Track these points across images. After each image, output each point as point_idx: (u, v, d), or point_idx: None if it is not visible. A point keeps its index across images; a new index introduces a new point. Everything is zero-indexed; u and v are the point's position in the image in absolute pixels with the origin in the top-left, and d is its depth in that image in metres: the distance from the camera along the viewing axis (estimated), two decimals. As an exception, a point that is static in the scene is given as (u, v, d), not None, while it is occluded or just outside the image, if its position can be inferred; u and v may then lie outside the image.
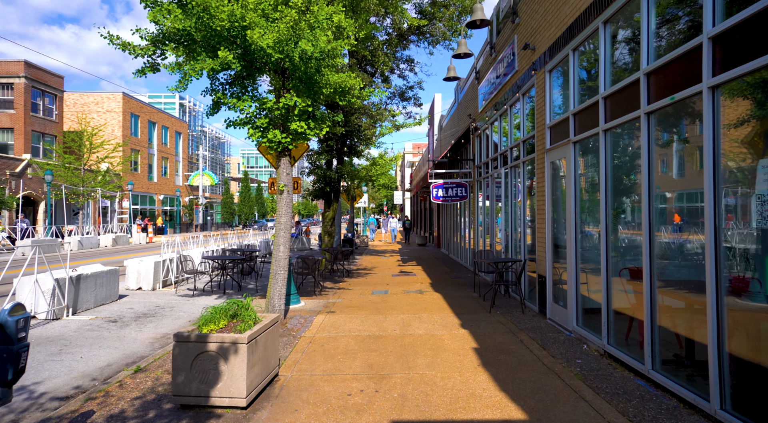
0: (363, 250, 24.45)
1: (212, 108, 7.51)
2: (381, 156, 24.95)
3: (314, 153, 15.06)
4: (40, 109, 37.38)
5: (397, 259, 19.02)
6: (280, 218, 7.61)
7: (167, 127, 53.24)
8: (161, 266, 11.27)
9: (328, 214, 15.11)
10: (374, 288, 11.43)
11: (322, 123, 7.47)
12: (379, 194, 49.74)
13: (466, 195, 14.44)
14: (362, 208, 37.26)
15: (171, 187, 52.60)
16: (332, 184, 14.77)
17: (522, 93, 9.15)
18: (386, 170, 32.68)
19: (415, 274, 14.05)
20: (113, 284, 9.48)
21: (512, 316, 7.87)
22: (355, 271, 15.09)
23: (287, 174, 7.61)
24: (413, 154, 64.37)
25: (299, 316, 8.13)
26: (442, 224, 23.47)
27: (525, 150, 9.13)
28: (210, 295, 10.59)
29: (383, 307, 8.98)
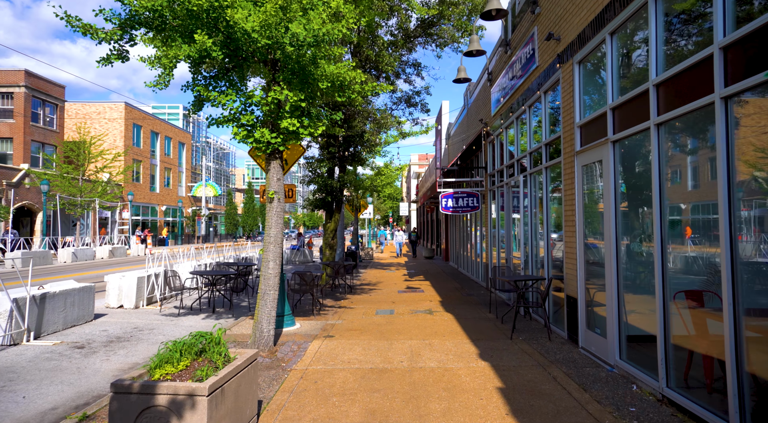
0: (368, 263, 23.42)
1: (194, 104, 6.58)
2: (386, 165, 24.03)
3: (315, 160, 14.13)
4: (41, 119, 36.86)
5: (404, 274, 17.96)
6: (269, 230, 6.62)
7: (170, 137, 52.73)
8: (145, 282, 10.29)
9: (330, 225, 14.13)
10: (379, 307, 10.38)
11: (318, 121, 6.51)
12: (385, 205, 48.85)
13: (477, 205, 13.42)
14: (367, 220, 36.29)
15: (174, 197, 51.91)
16: (334, 194, 13.81)
17: (543, 91, 8.18)
18: (392, 180, 31.78)
19: (424, 291, 12.98)
20: (87, 303, 8.50)
21: (538, 344, 6.79)
22: (359, 286, 14.04)
23: (278, 180, 6.65)
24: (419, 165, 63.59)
25: (292, 342, 7.10)
26: (450, 237, 22.42)
27: (548, 154, 8.13)
28: (197, 314, 9.59)
29: (388, 330, 7.94)
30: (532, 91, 8.71)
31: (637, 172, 5.37)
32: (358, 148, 14.59)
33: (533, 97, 8.71)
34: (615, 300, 5.49)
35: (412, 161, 65.33)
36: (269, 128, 6.47)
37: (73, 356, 6.46)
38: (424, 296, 12.00)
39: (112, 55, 5.69)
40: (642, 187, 5.21)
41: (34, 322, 7.22)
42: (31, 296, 7.11)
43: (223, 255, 16.51)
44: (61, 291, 7.82)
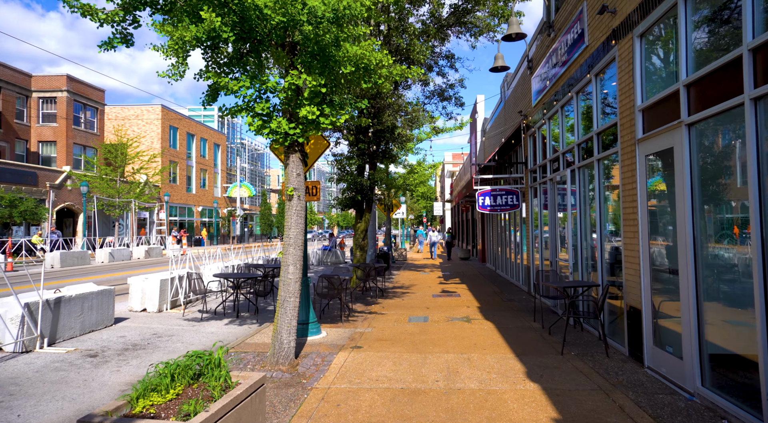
0: (401, 264, 22.71)
1: (208, 94, 6.04)
2: (419, 163, 23.24)
3: (344, 157, 13.52)
4: (82, 122, 37.90)
5: (438, 276, 17.16)
6: (289, 231, 6.01)
7: (206, 139, 53.52)
8: (169, 285, 9.92)
9: (360, 225, 13.49)
10: (412, 313, 9.66)
11: (341, 109, 5.85)
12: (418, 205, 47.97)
13: (517, 203, 12.50)
14: (400, 220, 35.57)
15: (209, 198, 52.66)
16: (364, 193, 13.17)
17: (595, 73, 7.26)
18: (425, 179, 30.88)
19: (460, 295, 12.17)
20: (106, 307, 8.14)
21: (594, 361, 5.92)
22: (391, 290, 13.35)
23: (298, 175, 6.02)
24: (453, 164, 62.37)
25: (316, 354, 6.47)
26: (487, 237, 21.45)
27: (600, 144, 7.22)
28: (221, 319, 9.13)
29: (422, 341, 7.21)
30: (581, 75, 7.80)
31: (721, 160, 4.46)
32: (389, 145, 13.90)
33: (581, 82, 7.80)
34: (693, 313, 4.59)
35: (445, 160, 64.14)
36: (287, 118, 5.86)
37: (83, 366, 6.03)
38: (460, 301, 11.19)
39: (115, 39, 5.19)
40: (727, 177, 4.30)
41: (48, 328, 6.87)
42: (44, 301, 6.75)
43: (251, 256, 16.15)
44: (77, 295, 7.46)
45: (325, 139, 7.69)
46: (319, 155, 7.71)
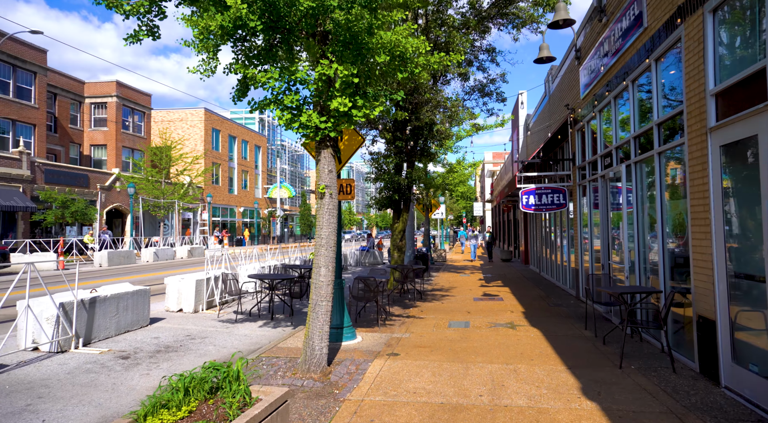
0: (440, 266, 22.17)
1: (238, 90, 5.79)
2: (459, 162, 22.65)
3: (380, 156, 13.16)
4: (130, 126, 39.28)
5: (480, 278, 16.54)
6: (320, 231, 5.67)
7: (247, 140, 54.54)
8: (204, 285, 9.83)
9: (398, 225, 13.09)
10: (452, 317, 9.17)
11: (374, 100, 5.47)
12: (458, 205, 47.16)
13: (564, 202, 11.78)
14: (439, 220, 34.97)
15: (250, 199, 53.61)
16: (401, 192, 12.76)
17: (654, 58, 6.58)
18: (465, 178, 30.16)
19: (503, 299, 11.57)
20: (142, 307, 8.08)
21: (659, 378, 5.28)
22: (430, 292, 12.89)
23: (329, 172, 5.68)
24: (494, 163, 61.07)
25: (350, 361, 6.11)
26: (530, 238, 20.61)
27: (661, 136, 6.53)
28: (255, 321, 8.94)
29: (463, 349, 6.73)
30: (638, 62, 7.12)
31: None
32: (427, 143, 13.44)
33: (639, 69, 7.11)
34: (783, 328, 3.93)
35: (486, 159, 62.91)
36: (318, 111, 5.53)
37: (114, 368, 5.90)
38: (503, 305, 10.61)
39: (141, 32, 5.01)
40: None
41: (83, 328, 6.82)
42: (78, 301, 6.70)
43: (288, 256, 16.03)
44: (112, 295, 7.41)
45: (359, 135, 7.34)
46: (354, 152, 7.36)
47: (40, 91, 30.27)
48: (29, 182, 26.76)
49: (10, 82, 28.50)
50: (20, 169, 26.24)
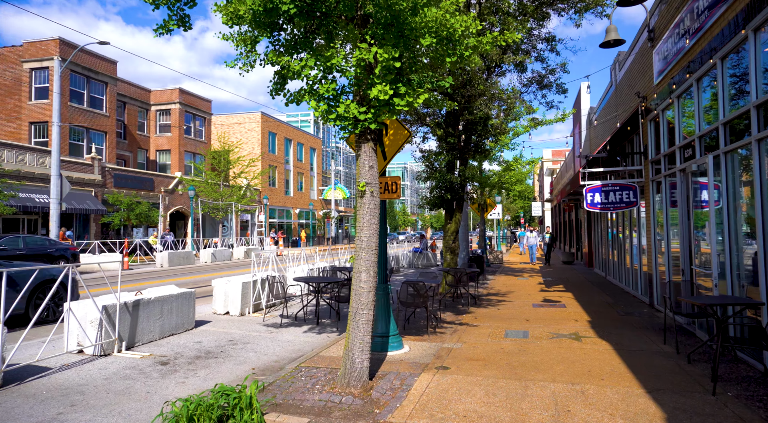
0: (496, 268, 21.20)
1: (276, 82, 5.43)
2: (516, 160, 21.58)
3: (431, 154, 12.55)
4: (192, 131, 40.86)
5: (539, 282, 15.53)
6: (360, 232, 5.20)
7: (302, 143, 55.44)
8: (251, 288, 9.65)
9: (450, 226, 12.44)
10: (509, 326, 8.44)
11: (419, 87, 4.92)
12: (515, 205, 45.44)
13: (634, 200, 10.68)
14: (495, 221, 33.75)
15: (306, 201, 54.42)
16: (454, 191, 12.10)
17: (753, 27, 5.60)
18: (522, 177, 28.87)
19: (566, 306, 10.64)
20: (187, 310, 7.96)
21: (767, 410, 4.38)
22: (485, 297, 12.13)
23: (370, 168, 5.19)
24: (553, 161, 58.58)
25: (395, 374, 5.60)
26: (595, 239, 19.24)
27: (762, 119, 5.54)
28: (300, 326, 8.62)
29: (522, 363, 6.04)
30: (730, 34, 6.12)
31: None
32: (482, 139, 12.68)
33: (731, 43, 6.12)
34: None
35: (544, 157, 60.46)
36: (357, 101, 5.06)
37: (152, 375, 5.71)
38: (566, 313, 9.71)
39: (171, 22, 4.74)
40: None
41: (127, 331, 6.73)
42: (121, 304, 6.62)
43: (338, 258, 15.76)
44: (156, 298, 7.31)
45: (405, 129, 6.82)
46: (400, 147, 6.85)
47: (111, 99, 32.02)
48: (100, 186, 28.31)
49: (84, 92, 30.32)
50: (92, 174, 27.80)
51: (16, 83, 29.31)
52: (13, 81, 29.42)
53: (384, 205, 7.08)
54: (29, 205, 22.90)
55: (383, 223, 7.03)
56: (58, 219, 20.87)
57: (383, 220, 7.04)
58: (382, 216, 7.03)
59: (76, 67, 29.43)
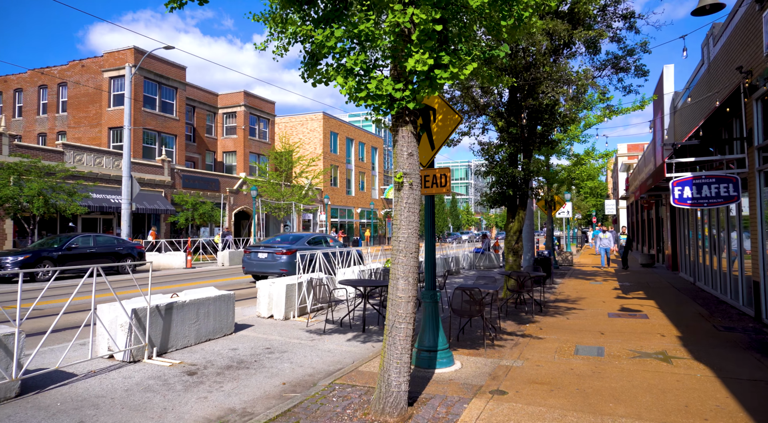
0: (565, 270, 19.59)
1: (307, 63, 4.77)
2: (588, 153, 19.80)
3: (490, 146, 11.50)
4: (257, 133, 41.86)
5: (615, 287, 13.96)
6: (397, 232, 4.42)
7: (364, 142, 55.40)
8: (296, 291, 9.15)
9: (513, 225, 11.34)
10: (579, 339, 7.32)
11: (467, 55, 4.05)
12: (587, 203, 42.59)
13: (735, 194, 9.07)
14: (565, 220, 31.67)
15: (367, 200, 54.32)
16: (517, 186, 11.00)
17: None
18: (595, 173, 26.74)
19: (648, 316, 9.25)
20: (225, 313, 7.55)
21: None
22: (552, 304, 10.93)
23: (409, 155, 4.38)
24: (628, 156, 54.57)
25: (440, 399, 4.76)
26: (680, 239, 17.20)
27: None
28: (345, 333, 7.98)
29: (596, 390, 4.98)
30: None
31: None
32: (548, 129, 11.46)
33: None
34: None
35: (619, 152, 56.44)
36: (392, 76, 4.27)
37: (174, 387, 5.24)
38: (649, 326, 8.38)
39: (178, -6, 4.21)
40: None
41: (159, 337, 6.38)
42: (153, 307, 6.26)
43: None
44: (191, 301, 6.93)
45: (455, 112, 5.95)
46: (450, 133, 5.99)
47: (180, 104, 33.34)
48: (170, 187, 29.48)
49: (156, 97, 31.75)
50: (162, 176, 28.99)
51: (98, 91, 31.21)
52: (95, 89, 31.37)
53: (432, 201, 6.24)
54: (105, 206, 24.13)
55: (430, 221, 6.21)
56: (129, 218, 21.78)
57: (430, 217, 6.22)
58: (430, 212, 6.21)
59: (149, 73, 30.85)
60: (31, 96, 34.29)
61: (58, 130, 33.07)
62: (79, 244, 16.04)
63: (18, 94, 35.04)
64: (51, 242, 15.83)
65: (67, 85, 32.82)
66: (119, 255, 17.32)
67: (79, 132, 32.01)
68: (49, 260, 14.92)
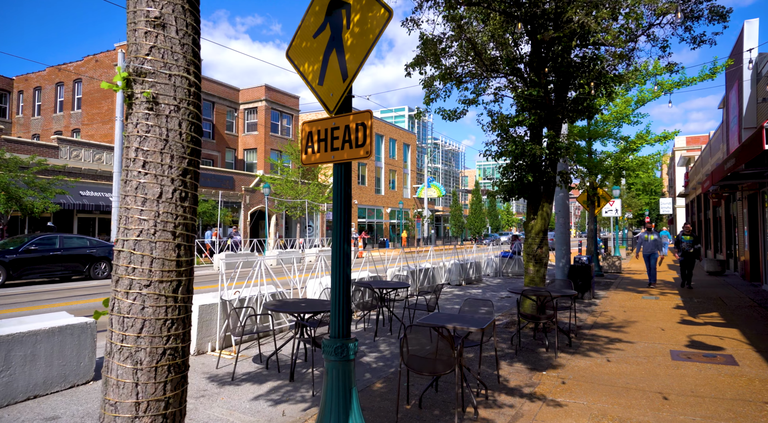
0: (611, 280, 16.16)
1: None
2: (641, 136, 16.27)
3: (502, 117, 8.53)
4: (279, 129, 40.00)
5: (677, 305, 10.63)
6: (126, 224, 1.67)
7: (395, 139, 52.73)
8: (218, 313, 6.57)
9: (534, 223, 8.38)
10: (624, 411, 4.35)
11: None
12: (639, 201, 38.07)
13: None
14: (612, 219, 27.82)
15: (398, 200, 51.60)
16: (539, 169, 8.06)
17: None
18: (651, 163, 22.84)
19: (735, 360, 6.07)
20: (75, 354, 5.07)
21: None
22: (588, 331, 7.88)
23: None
24: (687, 149, 49.24)
25: None
26: (762, 240, 13.52)
27: None
28: (263, 382, 5.33)
29: None
30: None
31: None
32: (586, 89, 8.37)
33: None
34: None
35: (677, 145, 51.09)
36: None
37: None
38: (743, 380, 5.25)
39: None
40: None
41: None
42: None
43: (399, 265, 12.23)
44: (11, 335, 4.46)
45: (382, 5, 3.17)
46: (371, 45, 3.21)
47: (194, 98, 31.78)
48: (179, 185, 27.85)
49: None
50: (170, 173, 27.38)
51: (110, 89, 30.07)
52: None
53: (345, 174, 3.48)
54: (102, 205, 22.59)
55: (341, 212, 3.45)
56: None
57: (342, 213, 3.45)
58: (342, 206, 3.45)
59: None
60: (49, 94, 33.75)
61: (73, 128, 32.28)
62: (41, 245, 14.20)
63: (37, 93, 34.62)
64: (9, 243, 14.05)
65: (82, 82, 31.97)
66: (92, 258, 15.42)
67: (92, 129, 31.04)
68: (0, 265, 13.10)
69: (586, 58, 8.06)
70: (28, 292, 12.73)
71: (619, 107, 15.60)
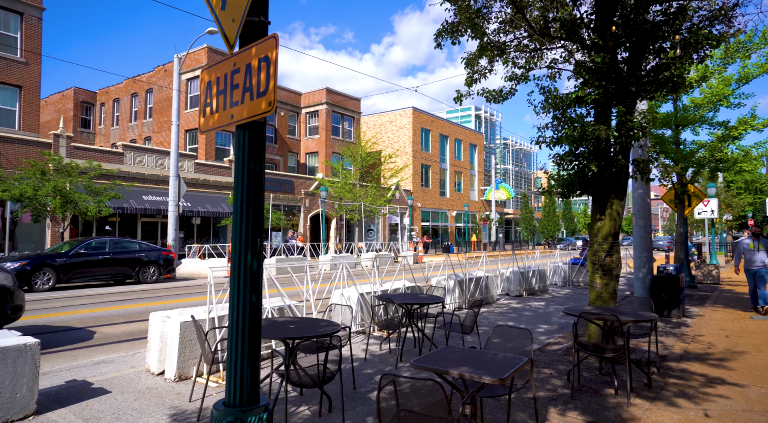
0: (707, 293, 13.58)
1: None
2: (744, 121, 13.57)
3: (556, 96, 6.86)
4: (340, 132, 39.64)
5: (800, 332, 8.28)
6: None
7: (461, 140, 50.81)
8: (202, 331, 5.57)
9: (601, 225, 6.66)
10: None
11: None
12: (740, 200, 33.36)
13: None
14: (707, 222, 24.32)
15: (464, 202, 49.55)
16: (606, 156, 6.36)
17: None
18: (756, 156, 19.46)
19: None
20: (9, 384, 4.21)
21: None
22: (676, 364, 6.04)
23: None
24: (799, 141, 42.84)
25: None
26: None
27: None
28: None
29: None
30: None
31: None
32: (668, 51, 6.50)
33: None
34: None
35: (785, 137, 44.64)
36: None
37: None
38: None
39: None
40: None
41: None
42: None
43: (445, 273, 10.81)
44: None
45: None
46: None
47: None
48: (239, 189, 28.06)
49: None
50: (229, 177, 27.64)
51: (179, 96, 31.13)
52: (178, 94, 31.38)
53: (249, 144, 2.23)
54: (164, 209, 23.02)
55: (245, 213, 2.21)
56: (175, 221, 20.20)
57: (244, 206, 2.21)
58: (244, 195, 2.21)
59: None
60: (125, 104, 35.64)
61: (145, 136, 33.78)
62: (90, 249, 14.26)
63: (116, 104, 36.72)
64: (60, 247, 14.24)
65: (153, 91, 33.38)
66: (140, 262, 15.36)
67: (161, 136, 32.24)
68: (50, 268, 13.22)
69: (669, 12, 6.25)
70: (68, 296, 12.72)
71: (716, 88, 13.09)
